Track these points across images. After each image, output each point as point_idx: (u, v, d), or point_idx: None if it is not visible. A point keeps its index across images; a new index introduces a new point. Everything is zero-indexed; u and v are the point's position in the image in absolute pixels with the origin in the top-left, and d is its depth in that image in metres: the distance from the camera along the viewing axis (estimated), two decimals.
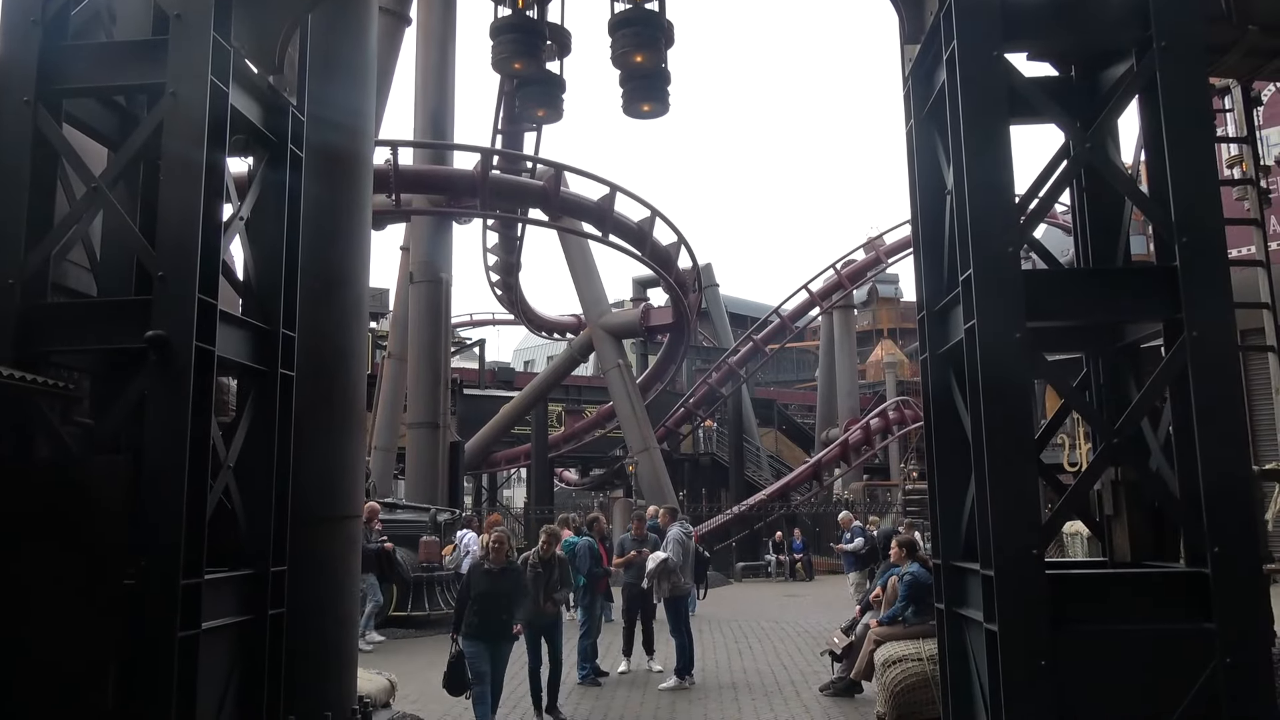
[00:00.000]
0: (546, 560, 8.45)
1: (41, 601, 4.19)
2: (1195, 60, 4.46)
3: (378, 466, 20.19)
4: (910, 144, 5.59)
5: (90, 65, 4.97)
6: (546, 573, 8.35)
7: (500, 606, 7.40)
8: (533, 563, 8.33)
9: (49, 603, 4.16)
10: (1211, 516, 4.16)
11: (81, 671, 4.10)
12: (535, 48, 6.86)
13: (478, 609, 7.32)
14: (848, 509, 21.11)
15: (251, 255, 5.53)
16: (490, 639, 7.36)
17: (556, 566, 8.51)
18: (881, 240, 33.47)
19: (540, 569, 8.31)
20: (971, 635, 4.88)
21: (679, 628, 9.96)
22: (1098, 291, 4.65)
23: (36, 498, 4.27)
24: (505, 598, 7.44)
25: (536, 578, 8.20)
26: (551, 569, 8.43)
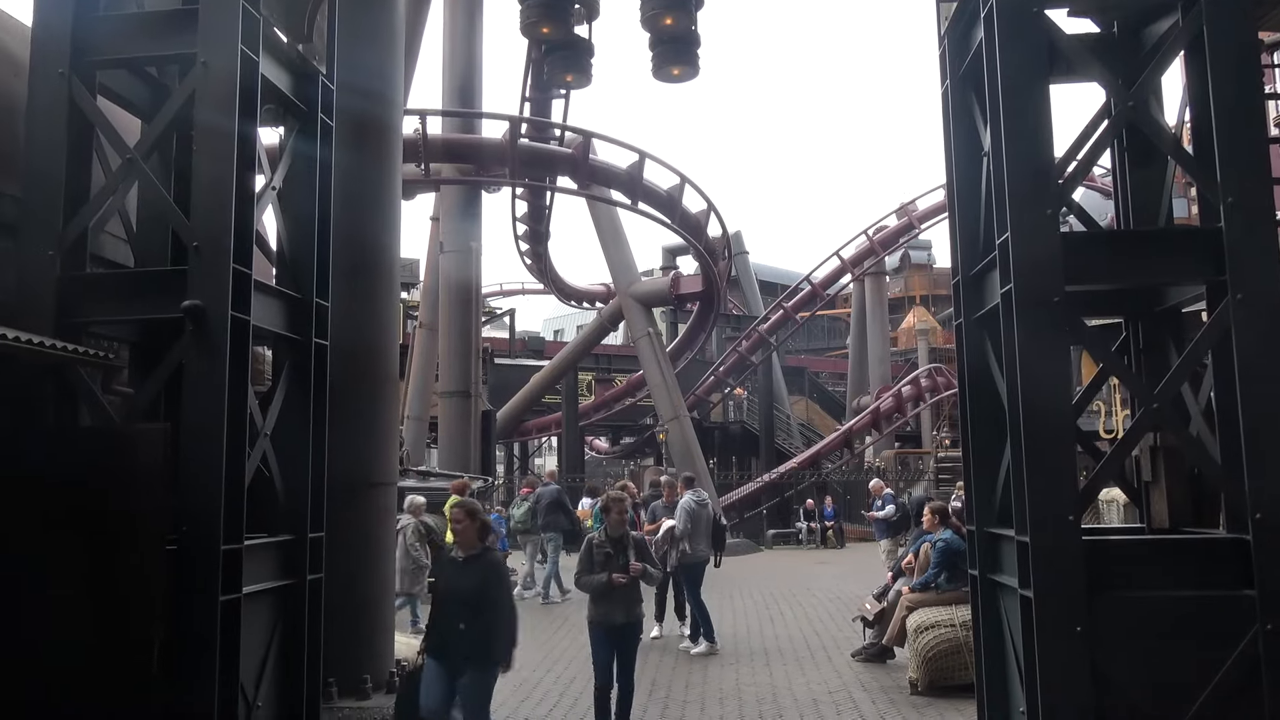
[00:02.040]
0: (617, 539, 6.61)
1: (86, 566, 4.28)
2: (1243, 14, 4.32)
3: (411, 435, 20.40)
4: (946, 105, 5.47)
5: (123, 36, 4.99)
6: (619, 553, 6.52)
7: (466, 615, 5.28)
8: (598, 542, 6.61)
9: (94, 567, 4.26)
10: (1254, 482, 4.09)
11: (125, 635, 4.20)
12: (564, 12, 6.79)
13: (436, 618, 5.53)
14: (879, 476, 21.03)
15: (284, 225, 5.57)
16: (449, 664, 5.33)
17: (631, 546, 6.62)
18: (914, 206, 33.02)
19: (610, 549, 6.54)
20: (1006, 601, 4.86)
21: (690, 596, 10.02)
22: (1139, 253, 4.55)
23: (80, 464, 4.35)
24: (471, 604, 5.30)
25: (607, 560, 6.48)
26: (624, 548, 6.57)
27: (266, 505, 5.13)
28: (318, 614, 5.31)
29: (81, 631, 4.27)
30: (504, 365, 32.24)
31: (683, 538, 9.97)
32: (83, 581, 4.30)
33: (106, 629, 4.26)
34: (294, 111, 5.58)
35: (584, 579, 6.52)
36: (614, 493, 7.05)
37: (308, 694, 5.20)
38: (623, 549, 6.55)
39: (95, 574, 4.30)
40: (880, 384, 34.39)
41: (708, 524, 10.25)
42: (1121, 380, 5.39)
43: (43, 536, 4.27)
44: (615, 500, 6.79)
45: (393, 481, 7.12)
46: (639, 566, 6.53)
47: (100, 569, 4.29)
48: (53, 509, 4.28)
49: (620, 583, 6.40)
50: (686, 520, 10.00)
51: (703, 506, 10.27)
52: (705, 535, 10.18)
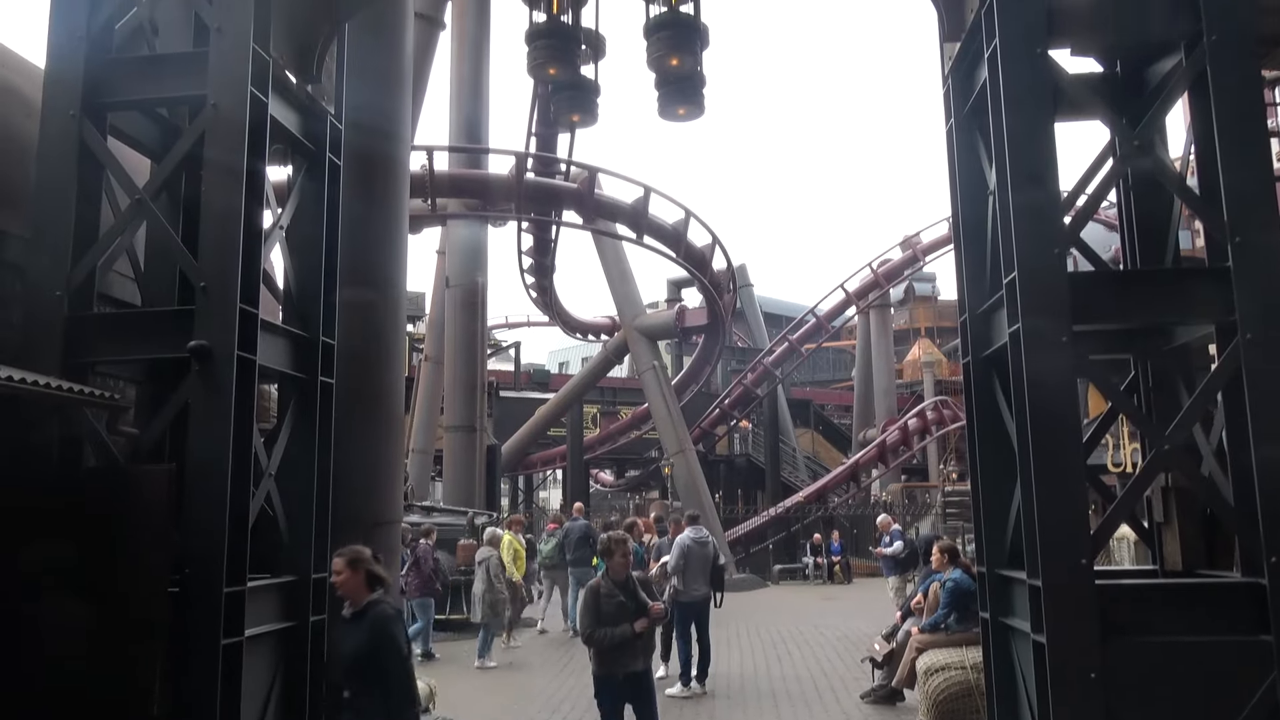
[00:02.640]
0: (623, 583, 5.96)
1: (88, 608, 4.24)
2: (1248, 54, 4.33)
3: (415, 469, 20.36)
4: (950, 143, 5.49)
5: (134, 78, 5.05)
6: (629, 599, 5.87)
7: (351, 682, 4.53)
8: (605, 591, 5.89)
9: (95, 609, 4.22)
10: (1269, 524, 4.04)
11: (127, 679, 4.15)
12: (570, 53, 6.86)
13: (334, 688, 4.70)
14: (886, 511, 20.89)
15: (291, 263, 5.59)
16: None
17: (638, 590, 6.00)
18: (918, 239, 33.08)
19: (621, 597, 5.85)
20: (1018, 646, 4.78)
21: (681, 633, 9.85)
22: (1148, 293, 4.53)
23: (84, 505, 4.33)
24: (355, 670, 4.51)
25: (619, 610, 5.80)
26: (633, 593, 5.93)
27: (270, 544, 5.09)
28: (320, 656, 5.25)
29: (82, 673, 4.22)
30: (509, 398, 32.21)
31: (674, 574, 9.79)
32: (84, 624, 4.26)
33: (108, 671, 4.21)
34: (302, 151, 5.62)
35: (599, 633, 5.77)
36: (615, 533, 6.31)
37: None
38: (632, 594, 5.91)
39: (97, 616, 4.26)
40: (886, 416, 34.26)
41: (706, 563, 9.95)
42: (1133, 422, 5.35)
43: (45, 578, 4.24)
44: (618, 541, 6.07)
45: (398, 519, 7.09)
46: (660, 606, 6.08)
47: (102, 611, 4.25)
48: (55, 550, 4.25)
49: (643, 629, 5.80)
50: (680, 557, 9.80)
51: (702, 545, 10.00)
52: (703, 574, 9.93)
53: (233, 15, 4.82)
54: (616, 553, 6.01)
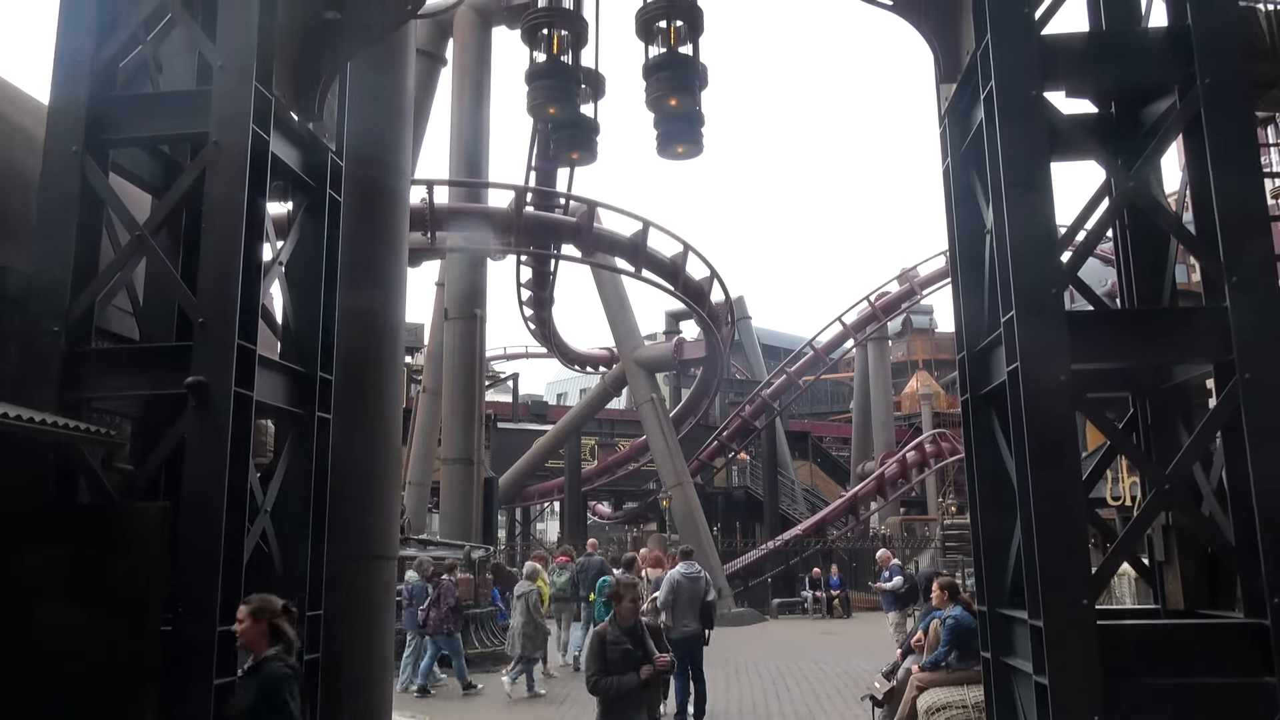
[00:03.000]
0: (631, 629, 5.60)
1: (79, 647, 4.20)
2: (1240, 97, 4.38)
3: (412, 502, 20.24)
4: (947, 183, 5.53)
5: (136, 116, 5.09)
6: (637, 647, 5.53)
7: None
8: (612, 639, 5.52)
9: (87, 648, 4.17)
10: (1270, 564, 4.02)
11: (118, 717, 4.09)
12: (569, 93, 6.92)
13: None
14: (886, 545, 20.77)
15: (290, 299, 5.59)
16: None
17: (646, 637, 5.68)
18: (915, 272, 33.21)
19: (628, 644, 5.49)
20: (1020, 687, 4.73)
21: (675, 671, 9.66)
22: (1145, 333, 4.55)
23: (77, 543, 4.30)
24: None
25: (626, 657, 5.44)
26: (641, 640, 5.59)
27: (264, 581, 5.04)
28: (314, 695, 5.18)
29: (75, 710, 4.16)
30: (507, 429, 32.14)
31: (664, 609, 9.67)
32: (76, 663, 4.21)
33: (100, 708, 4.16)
34: (303, 187, 5.65)
35: (605, 682, 5.44)
36: (626, 576, 5.99)
37: None
38: (640, 641, 5.58)
39: (89, 655, 4.22)
40: (884, 449, 34.17)
41: (696, 598, 9.80)
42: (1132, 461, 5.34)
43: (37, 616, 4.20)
44: (627, 586, 5.78)
45: (393, 555, 7.03)
46: (667, 658, 5.67)
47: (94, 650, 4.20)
48: (48, 588, 4.22)
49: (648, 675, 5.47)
50: (670, 592, 9.68)
51: (693, 580, 9.86)
52: (693, 610, 9.77)
53: (235, 53, 4.87)
54: (626, 597, 5.67)
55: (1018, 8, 4.58)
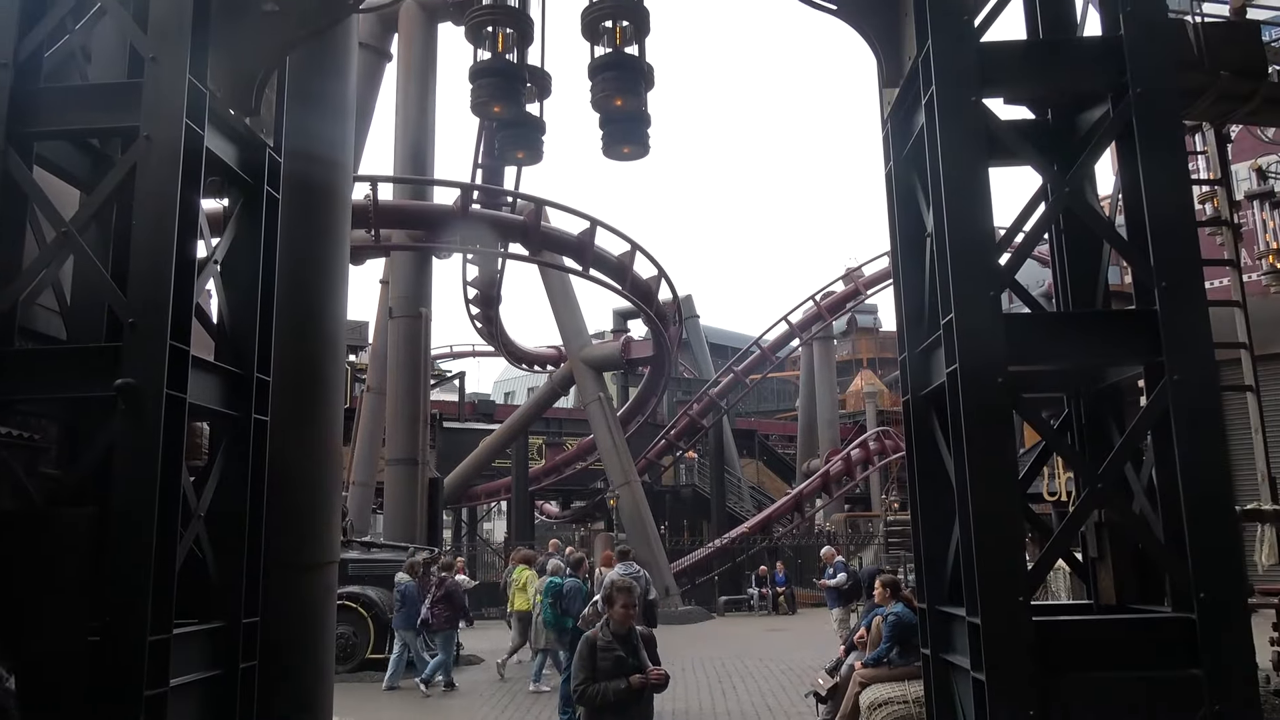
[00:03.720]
0: (624, 636, 5.25)
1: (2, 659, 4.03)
2: (1171, 106, 4.50)
3: (355, 503, 19.92)
4: (890, 185, 5.60)
5: (63, 108, 4.91)
6: (631, 656, 5.17)
7: None
8: (604, 644, 5.19)
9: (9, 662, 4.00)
10: (1197, 562, 4.13)
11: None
12: (515, 91, 6.85)
13: None
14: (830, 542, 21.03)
15: (226, 298, 5.45)
16: None
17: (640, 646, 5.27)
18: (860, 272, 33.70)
19: (620, 651, 5.16)
20: (958, 682, 4.81)
21: None
22: (1079, 336, 4.65)
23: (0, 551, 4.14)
24: None
25: (618, 665, 5.09)
26: (635, 648, 5.22)
27: (198, 588, 4.91)
28: (250, 705, 5.07)
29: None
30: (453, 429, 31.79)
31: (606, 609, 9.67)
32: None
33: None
34: (239, 184, 5.51)
35: (591, 689, 5.09)
36: (620, 579, 5.47)
37: None
38: (634, 649, 5.17)
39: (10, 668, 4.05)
40: (829, 447, 34.61)
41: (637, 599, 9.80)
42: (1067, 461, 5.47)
43: None
44: (621, 590, 5.30)
45: (334, 560, 6.90)
46: (661, 671, 5.25)
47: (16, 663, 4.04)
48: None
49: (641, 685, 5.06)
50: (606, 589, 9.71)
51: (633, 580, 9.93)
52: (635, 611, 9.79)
53: (169, 46, 4.72)
54: (617, 602, 5.28)
55: (957, 15, 4.66)
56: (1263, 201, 16.27)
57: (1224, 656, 4.07)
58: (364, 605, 13.66)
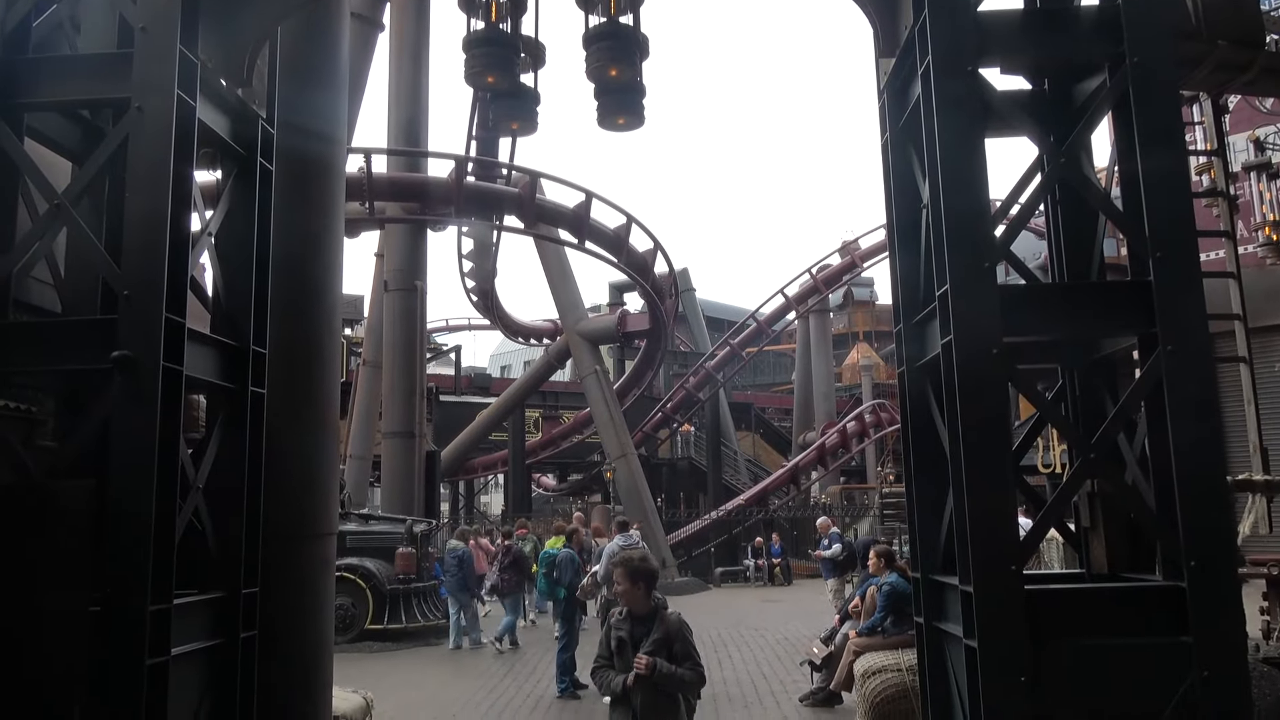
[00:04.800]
0: (641, 617, 4.79)
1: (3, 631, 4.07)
2: (1168, 76, 4.48)
3: (353, 476, 20.00)
4: (886, 157, 5.58)
5: (52, 78, 4.85)
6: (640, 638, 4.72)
7: None
8: (616, 621, 4.82)
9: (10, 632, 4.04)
10: (1187, 531, 4.17)
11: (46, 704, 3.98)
12: (509, 61, 6.79)
13: None
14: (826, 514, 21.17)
15: (220, 271, 5.43)
16: None
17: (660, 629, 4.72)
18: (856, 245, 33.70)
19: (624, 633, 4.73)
20: (951, 650, 4.87)
21: None
22: (1073, 307, 4.66)
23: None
24: None
25: (620, 647, 4.69)
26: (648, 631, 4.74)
27: (198, 559, 4.94)
28: (251, 674, 5.11)
29: None
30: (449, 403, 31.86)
31: (604, 582, 9.84)
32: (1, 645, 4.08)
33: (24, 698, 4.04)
34: (232, 155, 5.47)
35: (599, 674, 4.74)
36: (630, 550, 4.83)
37: None
38: (646, 632, 4.62)
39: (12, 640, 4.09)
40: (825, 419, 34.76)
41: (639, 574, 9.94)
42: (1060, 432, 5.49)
43: None
44: (622, 562, 4.80)
45: (332, 531, 6.93)
46: (645, 660, 4.55)
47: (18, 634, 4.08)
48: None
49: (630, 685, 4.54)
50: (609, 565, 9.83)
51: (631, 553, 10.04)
52: None
53: (158, 15, 4.66)
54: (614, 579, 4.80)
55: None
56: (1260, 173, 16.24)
57: (1214, 624, 4.11)
58: (362, 576, 13.79)
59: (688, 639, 4.67)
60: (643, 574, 4.69)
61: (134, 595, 4.17)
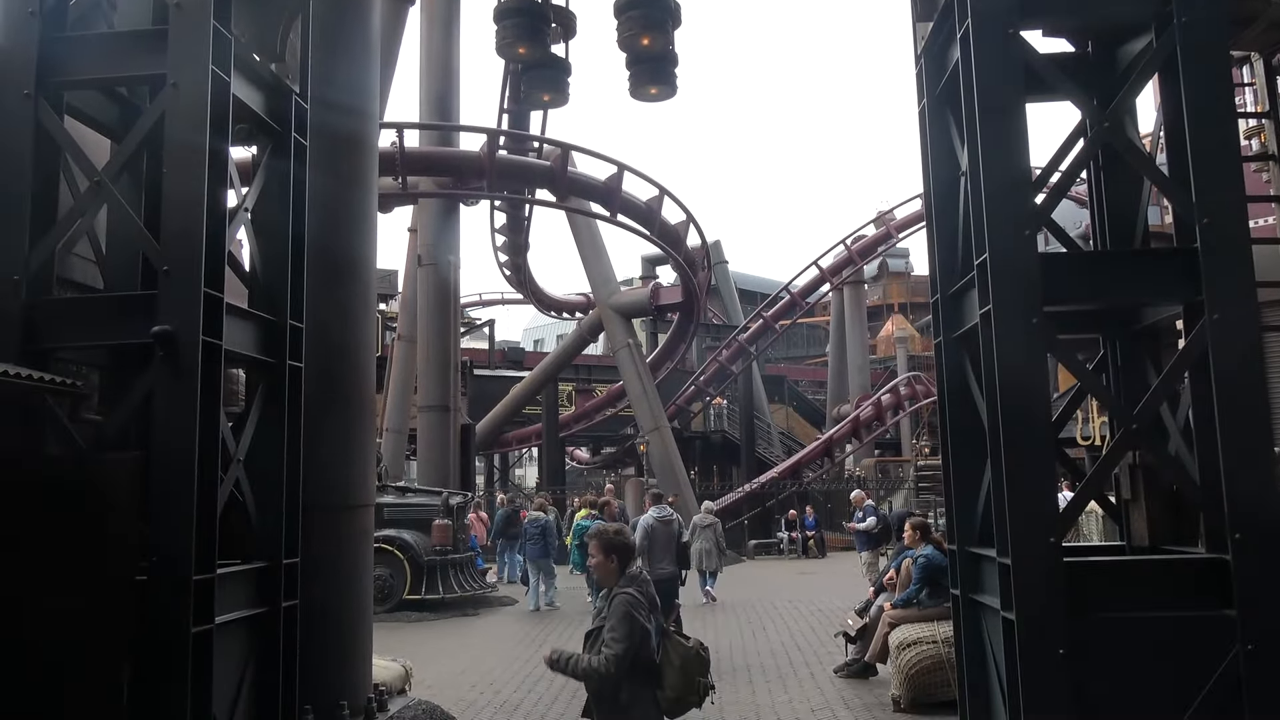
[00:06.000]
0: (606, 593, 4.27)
1: (53, 600, 4.18)
2: (1218, 36, 4.34)
3: (389, 449, 20.24)
4: (923, 124, 5.48)
5: (91, 57, 4.90)
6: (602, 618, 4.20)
7: None
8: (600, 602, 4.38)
9: (61, 601, 4.15)
10: (1232, 503, 4.10)
11: (96, 670, 4.10)
12: (540, 32, 6.74)
13: None
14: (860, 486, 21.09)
15: (257, 246, 5.49)
16: None
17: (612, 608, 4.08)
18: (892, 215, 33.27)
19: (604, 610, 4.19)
20: (988, 622, 4.84)
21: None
22: (1116, 275, 4.56)
23: (46, 495, 4.25)
24: None
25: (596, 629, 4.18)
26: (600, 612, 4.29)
27: (240, 531, 5.03)
28: (293, 641, 5.21)
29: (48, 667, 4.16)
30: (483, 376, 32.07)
31: (639, 554, 9.87)
32: (49, 616, 4.19)
33: (74, 664, 4.16)
34: (267, 130, 5.50)
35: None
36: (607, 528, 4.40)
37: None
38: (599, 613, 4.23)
39: (62, 608, 4.20)
40: (860, 392, 34.53)
41: (671, 541, 10.02)
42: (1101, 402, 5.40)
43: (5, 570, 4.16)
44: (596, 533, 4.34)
45: (370, 503, 7.03)
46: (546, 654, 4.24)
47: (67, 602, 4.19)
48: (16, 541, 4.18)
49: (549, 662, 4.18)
50: (644, 537, 9.86)
51: (665, 524, 10.05)
52: (669, 553, 9.99)
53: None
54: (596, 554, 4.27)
55: None
56: None
57: (1258, 597, 4.05)
58: (400, 548, 13.98)
59: (616, 622, 3.99)
60: (617, 548, 4.22)
61: (179, 565, 4.27)
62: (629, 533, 4.45)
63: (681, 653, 4.13)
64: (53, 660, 4.15)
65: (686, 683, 4.09)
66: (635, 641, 3.97)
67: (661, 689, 4.08)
